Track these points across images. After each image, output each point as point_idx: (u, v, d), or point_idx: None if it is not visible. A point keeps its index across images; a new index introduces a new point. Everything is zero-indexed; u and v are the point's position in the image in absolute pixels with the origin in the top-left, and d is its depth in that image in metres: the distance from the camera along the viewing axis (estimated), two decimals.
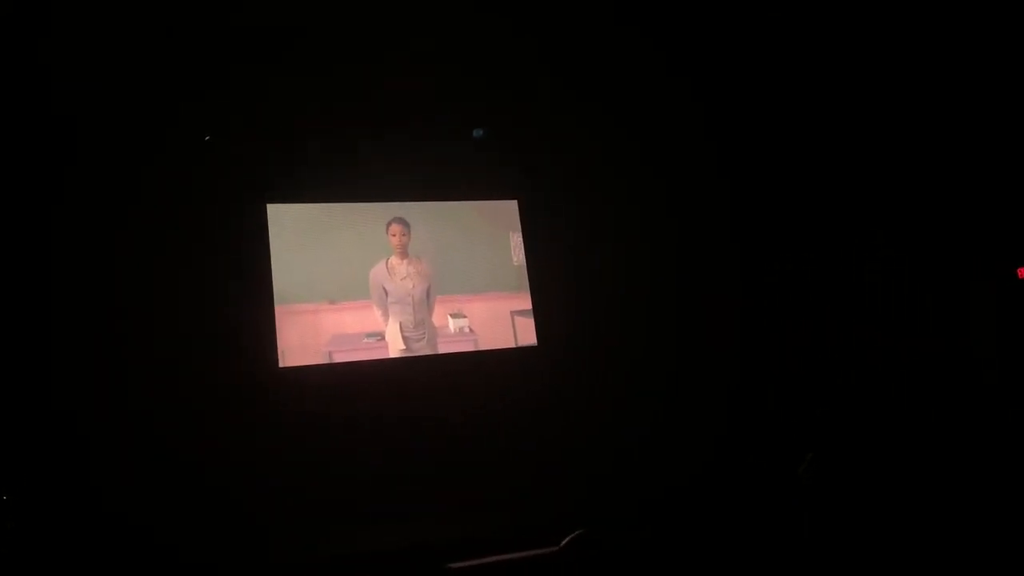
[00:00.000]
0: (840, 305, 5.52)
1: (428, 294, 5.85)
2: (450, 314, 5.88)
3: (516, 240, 6.17)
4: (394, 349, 5.69)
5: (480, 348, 5.90)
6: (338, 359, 5.54)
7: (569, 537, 3.34)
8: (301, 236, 5.63)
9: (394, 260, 5.83)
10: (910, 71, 5.01)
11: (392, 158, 5.82)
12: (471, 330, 5.91)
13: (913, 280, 5.09)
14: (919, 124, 5.01)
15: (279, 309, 5.44)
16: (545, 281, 6.12)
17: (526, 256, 6.15)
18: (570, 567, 3.20)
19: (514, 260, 6.16)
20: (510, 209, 6.23)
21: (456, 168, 6.03)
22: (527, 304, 6.08)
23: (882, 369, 5.27)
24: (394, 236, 5.85)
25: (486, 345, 5.91)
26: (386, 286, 5.76)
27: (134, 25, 4.79)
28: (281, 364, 5.37)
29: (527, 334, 6.02)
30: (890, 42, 5.04)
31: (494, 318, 5.99)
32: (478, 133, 6.01)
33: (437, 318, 5.84)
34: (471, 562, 3.40)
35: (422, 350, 5.75)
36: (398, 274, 5.81)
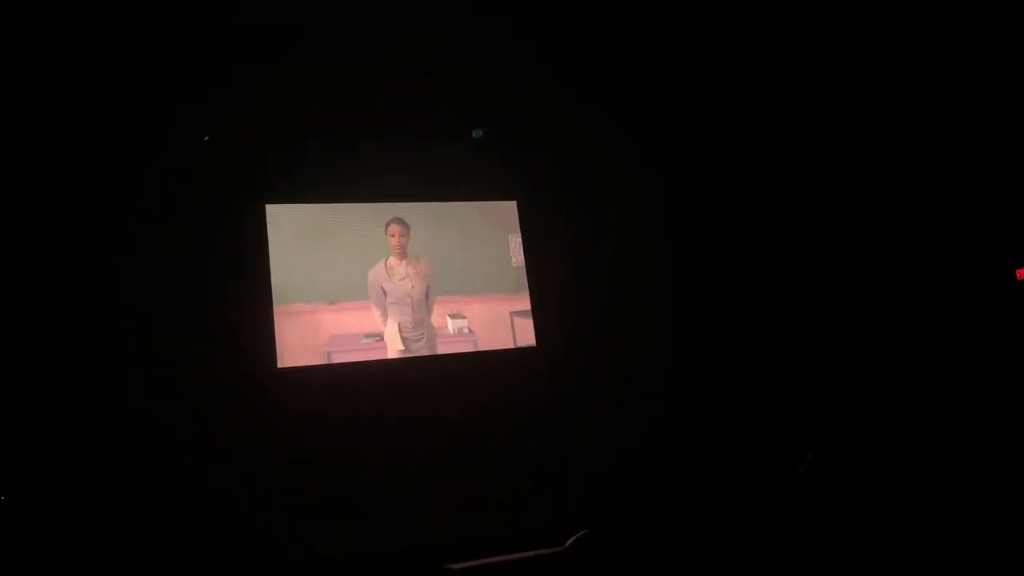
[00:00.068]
0: (840, 305, 5.52)
1: (427, 295, 5.85)
2: (449, 315, 5.88)
3: (515, 241, 6.17)
4: (393, 350, 5.69)
5: (479, 349, 5.90)
6: (337, 360, 5.53)
7: (574, 537, 3.34)
8: (300, 236, 5.64)
9: (393, 260, 5.82)
10: (910, 72, 5.01)
11: (391, 158, 5.82)
12: (470, 331, 5.91)
13: (913, 280, 5.09)
14: (919, 124, 5.01)
15: (278, 309, 5.44)
16: (544, 282, 6.12)
17: (525, 257, 6.15)
18: (574, 567, 3.20)
19: (513, 261, 6.16)
20: (509, 210, 6.23)
21: (455, 169, 6.03)
22: (526, 305, 6.08)
23: (882, 369, 5.27)
24: (393, 236, 5.85)
25: (485, 346, 5.91)
26: (385, 286, 5.75)
27: (134, 25, 4.79)
28: (280, 364, 5.37)
29: (526, 335, 6.02)
30: (890, 43, 5.04)
31: (493, 319, 5.99)
32: (477, 134, 6.02)
33: (436, 319, 5.84)
34: (472, 562, 3.40)
35: (421, 351, 5.75)
36: (397, 274, 5.80)
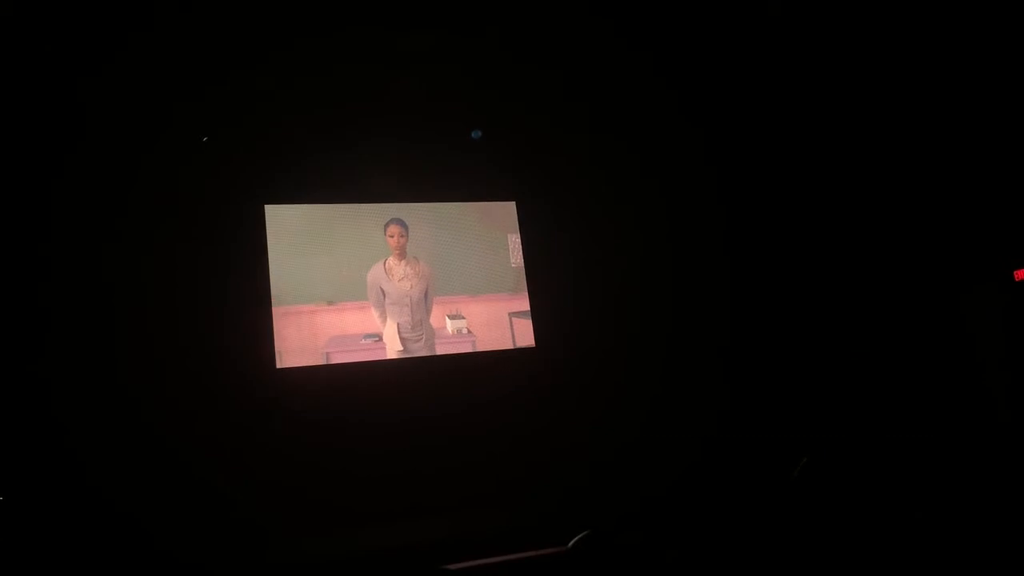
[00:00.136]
0: (840, 305, 5.53)
1: (426, 295, 5.84)
2: (448, 315, 5.88)
3: (514, 242, 6.18)
4: (392, 350, 5.69)
5: (478, 349, 5.90)
6: (336, 360, 5.53)
7: (577, 537, 3.34)
8: (299, 237, 5.63)
9: (392, 261, 5.82)
10: (909, 73, 5.02)
11: (391, 159, 5.82)
12: (469, 331, 5.90)
13: (913, 281, 5.10)
14: (918, 126, 5.03)
15: (276, 310, 5.44)
16: (543, 283, 6.12)
17: (524, 258, 6.15)
18: (578, 568, 3.19)
19: (512, 262, 6.16)
20: (508, 210, 6.23)
21: (455, 169, 6.03)
22: (525, 306, 6.08)
23: (880, 370, 5.28)
24: (392, 237, 5.85)
25: (484, 346, 5.91)
26: (384, 287, 5.75)
27: (133, 25, 4.78)
28: (279, 365, 5.37)
29: (525, 335, 6.02)
30: (889, 44, 5.06)
31: (492, 319, 5.99)
32: (476, 134, 6.01)
33: (435, 319, 5.84)
34: (472, 562, 3.40)
35: (420, 351, 5.75)
36: (396, 275, 5.80)
